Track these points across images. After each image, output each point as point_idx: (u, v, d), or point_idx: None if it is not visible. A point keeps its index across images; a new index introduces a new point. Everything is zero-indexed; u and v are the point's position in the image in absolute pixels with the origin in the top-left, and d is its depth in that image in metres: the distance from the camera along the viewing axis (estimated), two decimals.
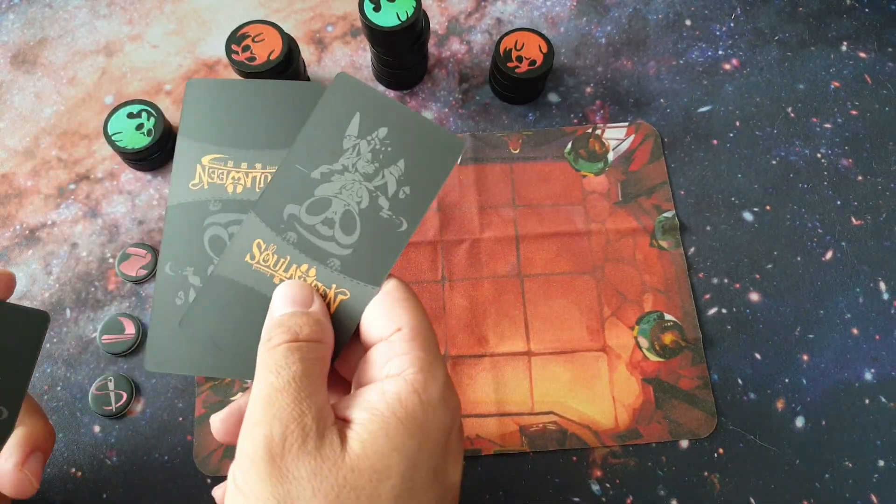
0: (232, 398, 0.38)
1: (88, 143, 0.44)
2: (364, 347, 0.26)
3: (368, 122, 0.27)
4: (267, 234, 0.27)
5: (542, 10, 0.48)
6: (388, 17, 0.39)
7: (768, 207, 0.43)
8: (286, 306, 0.25)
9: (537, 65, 0.42)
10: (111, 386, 0.38)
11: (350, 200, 0.27)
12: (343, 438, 0.22)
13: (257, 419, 0.22)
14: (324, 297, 0.26)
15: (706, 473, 0.38)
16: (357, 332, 0.27)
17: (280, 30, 0.41)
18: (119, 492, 0.37)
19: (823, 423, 0.38)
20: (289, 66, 0.41)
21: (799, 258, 0.42)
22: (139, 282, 0.41)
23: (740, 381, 0.39)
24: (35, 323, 0.27)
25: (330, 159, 0.27)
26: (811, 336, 0.40)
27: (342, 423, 0.23)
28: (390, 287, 0.26)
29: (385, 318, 0.25)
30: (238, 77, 0.42)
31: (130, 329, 0.39)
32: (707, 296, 0.41)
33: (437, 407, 0.23)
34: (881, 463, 0.38)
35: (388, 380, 0.24)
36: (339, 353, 0.26)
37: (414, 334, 0.25)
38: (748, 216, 0.43)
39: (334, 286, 0.26)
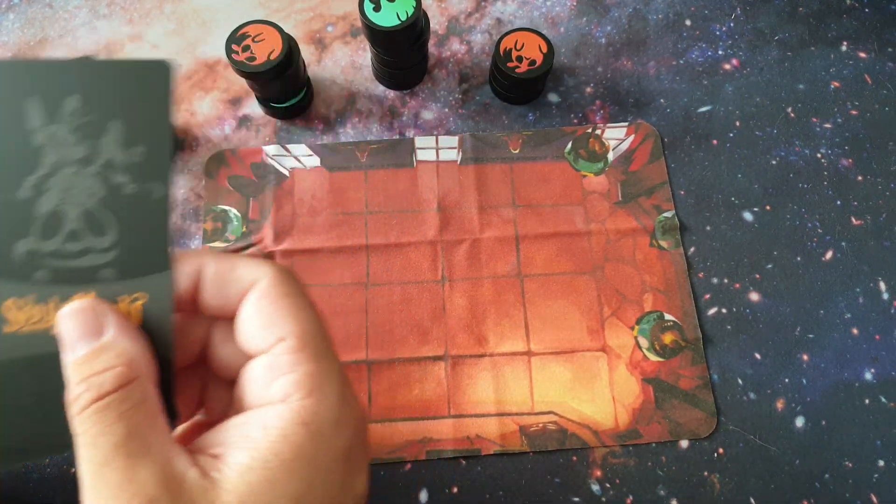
0: None
1: None
2: (244, 354, 0.22)
3: (50, 102, 0.21)
4: (11, 287, 0.21)
5: (542, 10, 0.48)
6: (388, 17, 0.39)
7: (768, 207, 0.43)
8: (74, 347, 0.20)
9: (537, 65, 0.42)
10: None
11: (81, 198, 0.22)
12: (212, 485, 0.18)
13: None
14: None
15: (706, 473, 0.38)
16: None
17: (280, 30, 0.41)
18: None
19: (823, 423, 0.38)
20: (289, 66, 0.41)
21: (799, 258, 0.42)
22: None
23: (740, 381, 0.39)
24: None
25: (30, 167, 0.21)
26: (811, 336, 0.40)
27: (212, 460, 0.19)
28: (267, 284, 0.21)
29: (263, 327, 0.21)
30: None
31: None
32: (707, 296, 0.41)
33: (330, 435, 0.20)
34: (881, 463, 0.38)
35: (271, 409, 0.20)
36: (172, 366, 0.21)
37: (300, 344, 0.21)
38: (748, 216, 0.43)
39: (124, 298, 0.21)
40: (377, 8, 0.39)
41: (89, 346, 0.20)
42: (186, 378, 0.24)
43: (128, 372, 0.20)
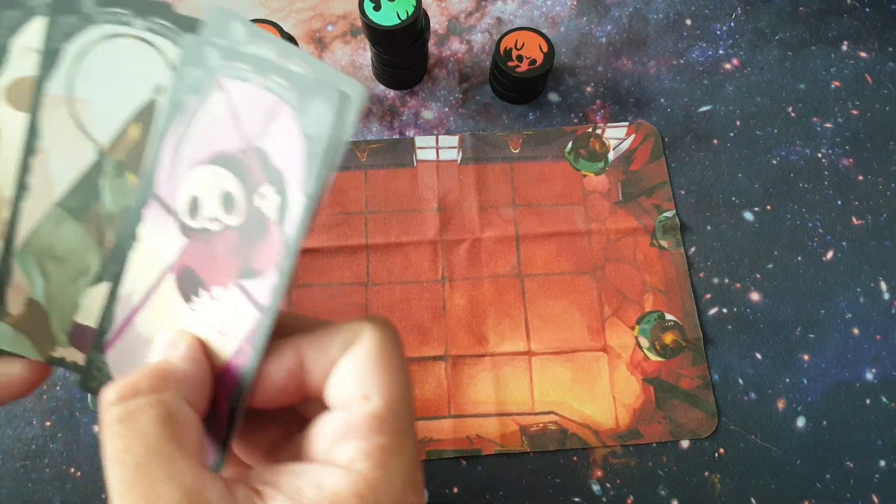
0: None
1: None
2: (321, 401, 0.21)
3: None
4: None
5: (542, 10, 0.48)
6: (388, 17, 0.39)
7: (769, 207, 0.43)
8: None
9: (537, 64, 0.42)
10: None
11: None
12: None
13: None
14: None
15: (707, 473, 0.37)
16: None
17: (280, 29, 0.41)
18: None
19: (824, 423, 0.38)
20: None
21: (800, 258, 0.42)
22: None
23: (741, 381, 0.39)
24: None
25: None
26: (812, 336, 0.40)
27: (253, 495, 0.18)
28: (368, 340, 0.20)
29: (353, 379, 0.20)
30: None
31: None
32: (708, 295, 0.41)
33: None
34: (882, 463, 0.38)
35: (332, 471, 0.18)
36: (242, 404, 0.20)
37: (383, 411, 0.19)
38: (749, 216, 0.43)
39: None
40: (377, 7, 0.39)
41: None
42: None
43: (157, 383, 0.19)
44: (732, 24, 0.48)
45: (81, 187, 0.22)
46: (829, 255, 0.42)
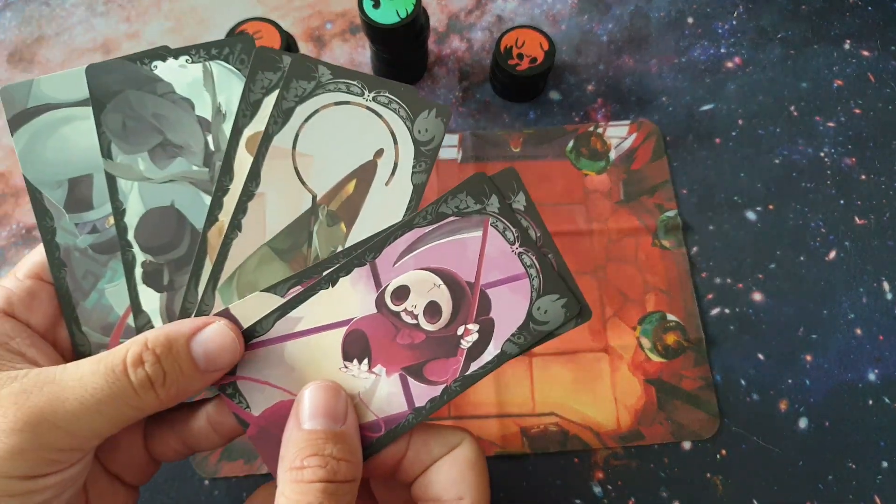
0: None
1: None
2: (402, 485, 0.25)
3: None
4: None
5: (543, 8, 0.48)
6: (387, 15, 0.38)
7: (771, 207, 0.43)
8: (314, 418, 0.22)
9: (538, 62, 0.41)
10: None
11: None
12: None
13: None
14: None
15: (709, 475, 0.37)
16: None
17: (279, 27, 0.41)
18: None
19: (827, 424, 0.38)
20: None
21: (802, 258, 0.41)
22: None
23: (743, 382, 0.39)
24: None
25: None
26: (814, 336, 0.40)
27: None
28: (465, 449, 0.25)
29: (451, 481, 0.24)
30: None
31: None
32: (710, 296, 0.41)
33: None
34: (885, 464, 0.37)
35: None
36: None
37: None
38: (751, 215, 0.42)
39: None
40: (376, 5, 0.39)
41: (329, 426, 0.22)
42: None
43: (356, 471, 0.22)
44: (734, 23, 0.47)
45: (293, 231, 0.25)
46: (832, 254, 0.42)
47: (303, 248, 0.25)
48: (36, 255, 0.25)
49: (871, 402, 0.39)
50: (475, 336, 0.24)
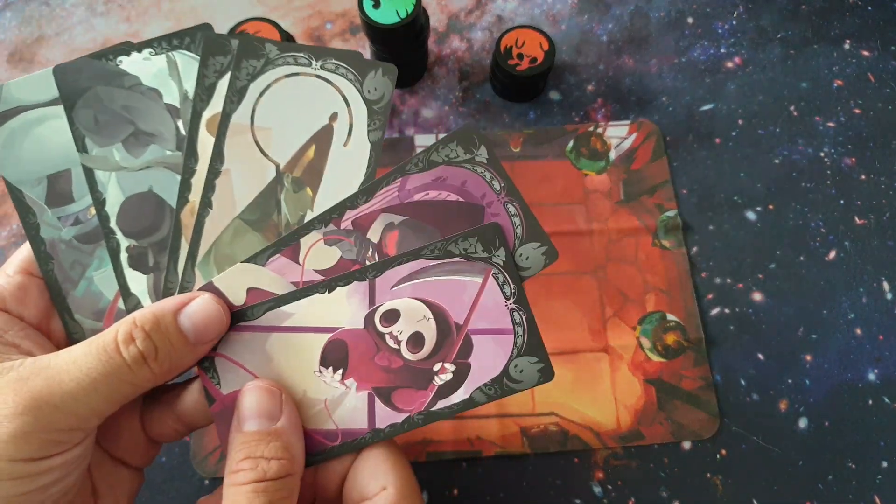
0: None
1: None
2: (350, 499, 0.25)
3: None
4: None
5: (543, 8, 0.48)
6: (387, 15, 0.38)
7: (771, 207, 0.43)
8: (247, 421, 0.23)
9: (538, 62, 0.41)
10: None
11: None
12: None
13: None
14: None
15: (709, 475, 0.37)
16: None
17: (278, 27, 0.41)
18: None
19: (826, 424, 0.38)
20: None
21: (802, 258, 0.41)
22: None
23: (743, 382, 0.39)
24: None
25: None
26: (814, 336, 0.40)
27: None
28: (379, 445, 0.25)
29: (370, 476, 0.24)
30: None
31: None
32: (710, 296, 0.41)
33: None
34: (885, 464, 0.37)
35: None
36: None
37: (399, 497, 0.24)
38: (751, 215, 0.42)
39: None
40: (376, 5, 0.39)
41: (264, 425, 0.23)
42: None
43: (290, 467, 0.22)
44: (734, 23, 0.47)
45: (261, 201, 0.25)
46: (832, 254, 0.42)
47: (273, 216, 0.25)
48: (23, 252, 0.26)
49: (870, 401, 0.39)
50: (449, 376, 0.25)
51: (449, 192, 0.25)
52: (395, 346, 0.25)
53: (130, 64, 0.25)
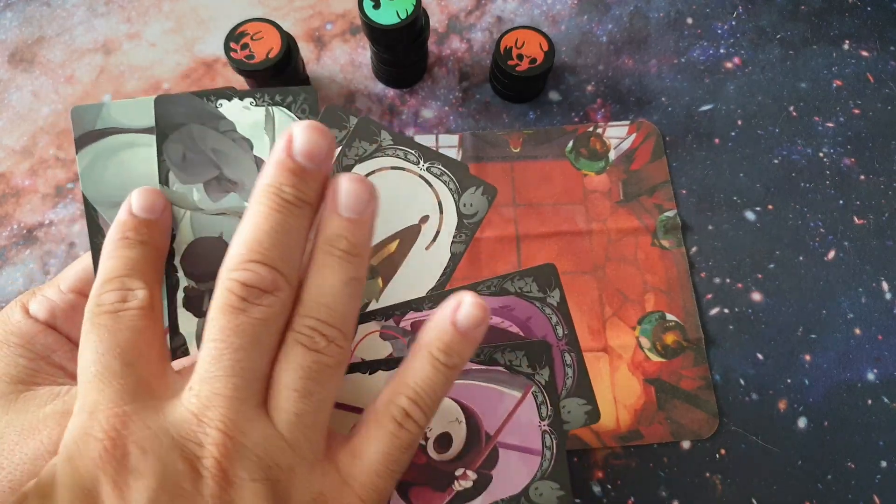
0: None
1: None
2: None
3: None
4: None
5: (542, 8, 0.48)
6: (387, 15, 0.39)
7: (770, 207, 0.43)
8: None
9: (538, 63, 0.42)
10: None
11: None
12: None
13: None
14: None
15: (708, 474, 0.37)
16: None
17: (279, 28, 0.41)
18: None
19: (826, 423, 0.38)
20: (287, 64, 0.40)
21: (801, 258, 0.42)
22: None
23: (742, 382, 0.39)
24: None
25: None
26: (813, 336, 0.40)
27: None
28: None
29: None
30: (239, 76, 0.41)
31: None
32: (709, 296, 0.41)
33: None
34: (884, 464, 0.38)
35: None
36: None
37: None
38: (750, 215, 0.42)
39: None
40: (377, 6, 0.39)
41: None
42: None
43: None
44: (734, 23, 0.47)
45: None
46: (831, 254, 0.42)
47: None
48: (77, 269, 0.25)
49: (870, 401, 0.39)
50: (469, 484, 0.24)
51: (512, 323, 0.25)
52: (422, 443, 0.24)
53: (229, 109, 0.25)
